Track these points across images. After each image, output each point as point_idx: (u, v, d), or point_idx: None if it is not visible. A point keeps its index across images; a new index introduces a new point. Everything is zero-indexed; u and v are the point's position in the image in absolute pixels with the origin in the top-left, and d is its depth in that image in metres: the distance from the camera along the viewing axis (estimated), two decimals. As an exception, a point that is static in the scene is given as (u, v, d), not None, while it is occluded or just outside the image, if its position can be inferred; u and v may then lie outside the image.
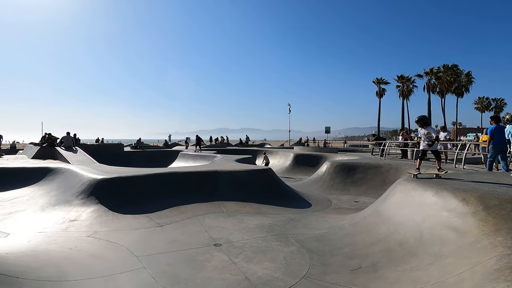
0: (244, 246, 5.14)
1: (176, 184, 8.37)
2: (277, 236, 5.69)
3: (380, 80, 47.39)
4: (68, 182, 8.39)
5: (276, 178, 10.37)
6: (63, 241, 5.24)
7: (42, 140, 16.52)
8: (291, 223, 6.70)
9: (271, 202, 8.62)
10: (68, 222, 6.23)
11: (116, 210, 6.85)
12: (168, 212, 7.11)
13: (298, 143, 36.89)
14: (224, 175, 9.36)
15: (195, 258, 4.63)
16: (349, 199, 10.28)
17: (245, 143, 32.74)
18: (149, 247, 5.08)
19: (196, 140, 23.29)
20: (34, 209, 7.09)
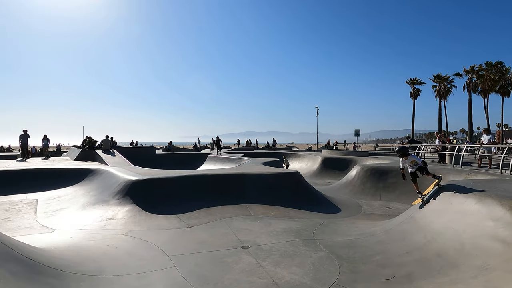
0: (272, 249, 5.12)
1: (205, 186, 8.57)
2: (305, 241, 5.60)
3: (414, 81, 45.03)
4: (106, 183, 8.93)
5: (304, 181, 10.23)
6: (101, 238, 5.58)
7: (83, 143, 17.77)
8: (320, 228, 6.56)
9: (298, 206, 8.51)
10: (105, 220, 6.62)
11: (148, 210, 7.16)
12: (197, 213, 7.29)
13: (327, 146, 36.13)
14: (251, 178, 9.42)
15: (223, 260, 4.69)
16: (381, 205, 9.86)
17: (272, 146, 32.69)
18: (179, 247, 5.24)
19: (216, 143, 23.45)
20: (76, 207, 7.62)
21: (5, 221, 6.51)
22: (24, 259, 3.39)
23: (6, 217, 6.83)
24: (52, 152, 21.51)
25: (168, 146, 26.85)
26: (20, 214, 7.03)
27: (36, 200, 8.31)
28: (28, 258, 3.47)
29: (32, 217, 6.86)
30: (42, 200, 8.30)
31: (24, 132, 16.79)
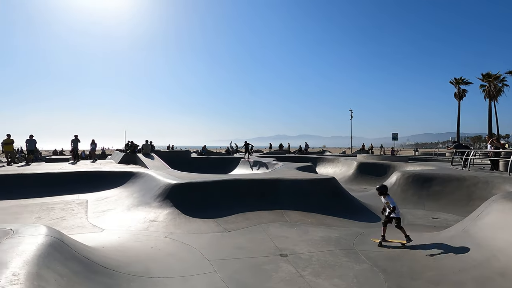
0: (311, 259, 5.01)
1: (241, 191, 8.65)
2: (345, 251, 5.40)
3: (459, 80, 41.78)
4: (147, 186, 9.39)
5: (341, 188, 9.92)
6: (145, 240, 5.86)
7: (126, 147, 18.92)
8: (360, 238, 6.30)
9: (335, 213, 8.26)
10: (148, 222, 6.95)
11: (187, 213, 7.39)
12: (234, 218, 7.38)
13: (361, 150, 34.76)
14: (286, 183, 9.34)
15: (262, 267, 4.68)
16: (426, 215, 9.23)
17: (305, 150, 32.20)
18: (219, 252, 5.32)
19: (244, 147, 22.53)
20: (122, 208, 8.10)
21: (61, 220, 7.11)
22: (82, 258, 3.66)
23: (62, 216, 7.45)
24: (98, 155, 23.20)
25: (203, 150, 27.66)
26: (73, 214, 7.64)
27: (86, 200, 8.98)
28: (85, 258, 3.74)
29: (84, 217, 7.42)
30: (91, 201, 8.95)
31: (75, 137, 18.33)
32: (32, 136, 16.99)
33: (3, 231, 3.61)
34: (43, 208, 8.07)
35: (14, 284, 2.34)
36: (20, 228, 3.76)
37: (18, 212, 7.68)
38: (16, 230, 3.67)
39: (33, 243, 3.22)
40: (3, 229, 3.68)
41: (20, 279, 2.42)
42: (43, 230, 3.71)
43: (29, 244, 3.20)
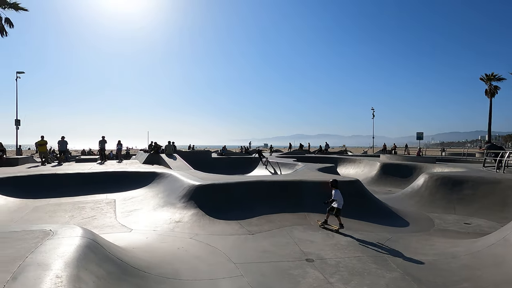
0: (339, 265, 4.90)
1: (263, 192, 8.64)
2: (374, 258, 5.25)
3: (491, 76, 39.45)
4: (171, 186, 9.60)
5: (366, 190, 9.66)
6: (172, 241, 5.98)
7: (149, 147, 19.47)
8: (388, 244, 6.09)
9: (360, 217, 8.05)
10: (174, 223, 7.10)
11: (211, 214, 7.47)
12: (257, 220, 7.38)
13: (383, 151, 33.69)
14: (308, 185, 9.21)
15: (288, 272, 4.64)
16: (457, 220, 8.78)
17: (325, 150, 31.66)
18: (244, 255, 5.33)
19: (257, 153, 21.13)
20: (148, 208, 8.33)
21: (92, 219, 7.41)
22: (115, 259, 3.78)
23: (93, 215, 7.77)
24: (124, 155, 24.04)
25: (223, 150, 27.96)
26: (103, 213, 7.94)
27: (114, 200, 9.32)
28: (118, 259, 3.87)
29: (113, 216, 7.70)
30: (119, 200, 9.27)
31: (102, 138, 19.10)
32: (63, 138, 17.88)
33: (43, 232, 3.80)
34: (75, 207, 8.45)
35: (58, 286, 2.45)
36: (58, 229, 3.94)
37: (53, 210, 8.09)
38: (55, 231, 3.85)
39: (71, 245, 3.36)
40: (43, 230, 3.88)
41: (63, 282, 2.53)
42: (79, 231, 3.88)
43: (68, 245, 3.34)
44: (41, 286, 2.41)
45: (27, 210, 8.09)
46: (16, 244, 3.39)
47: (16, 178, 10.45)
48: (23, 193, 9.47)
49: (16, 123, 25.97)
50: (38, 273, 2.62)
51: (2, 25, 20.46)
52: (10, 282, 2.46)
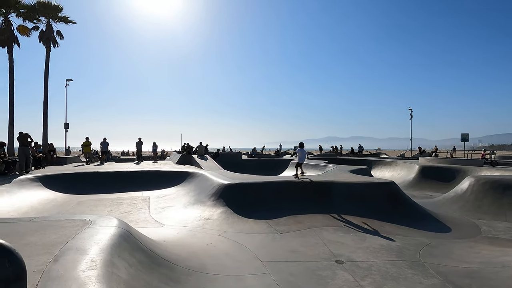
0: (371, 268, 4.65)
1: (291, 193, 8.52)
2: (410, 263, 4.91)
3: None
4: (202, 185, 9.84)
5: (402, 193, 9.11)
6: (201, 236, 6.11)
7: (182, 149, 20.20)
8: (426, 249, 5.67)
9: (396, 220, 7.60)
10: (203, 220, 7.25)
11: (239, 213, 7.52)
12: (285, 220, 7.28)
13: (422, 153, 31.57)
14: (339, 186, 8.91)
15: (317, 273, 4.50)
16: (509, 228, 7.92)
17: (359, 152, 30.42)
18: (271, 253, 5.28)
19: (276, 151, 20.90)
20: (179, 206, 8.61)
21: (128, 214, 7.83)
22: (147, 250, 3.94)
23: (129, 210, 8.21)
24: (158, 156, 25.20)
25: (252, 152, 28.14)
26: (138, 209, 8.36)
27: (149, 197, 9.77)
28: (149, 250, 4.02)
29: (147, 212, 8.06)
30: (153, 198, 9.70)
31: (139, 140, 20.20)
32: (105, 139, 19.21)
33: (83, 221, 4.08)
34: (114, 202, 9.00)
35: (93, 269, 2.60)
36: (96, 219, 4.22)
37: (94, 205, 8.69)
38: (93, 221, 4.12)
39: (107, 233, 3.57)
40: (83, 220, 4.17)
41: (98, 265, 2.68)
42: (115, 222, 4.11)
43: (104, 234, 3.55)
44: (78, 268, 2.57)
45: (72, 204, 8.78)
46: (59, 231, 3.67)
47: (64, 176, 11.40)
48: (69, 189, 10.30)
49: (65, 126, 28.44)
50: (76, 257, 2.81)
51: (54, 37, 22.58)
52: (52, 263, 2.66)
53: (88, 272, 2.53)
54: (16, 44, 20.06)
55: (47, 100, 22.31)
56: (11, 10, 19.95)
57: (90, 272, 2.53)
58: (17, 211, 7.63)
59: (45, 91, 22.27)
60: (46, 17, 22.02)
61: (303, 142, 10.74)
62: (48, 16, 22.01)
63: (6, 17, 19.68)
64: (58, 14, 22.29)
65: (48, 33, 22.13)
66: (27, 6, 20.71)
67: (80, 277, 2.41)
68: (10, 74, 19.44)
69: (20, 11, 20.52)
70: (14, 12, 20.19)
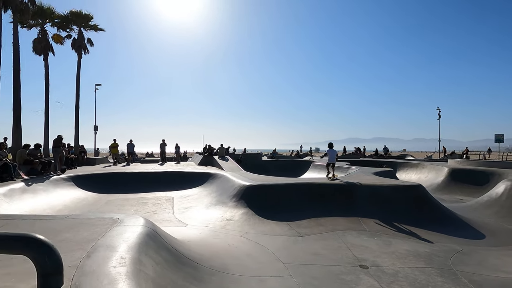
0: (397, 274, 4.49)
1: (313, 195, 8.41)
2: (439, 270, 4.68)
3: None
4: (223, 186, 9.97)
5: (430, 197, 8.71)
6: (224, 237, 6.19)
7: (204, 150, 20.57)
8: (458, 257, 5.38)
9: (424, 225, 7.28)
10: (225, 221, 7.33)
11: (260, 214, 7.53)
12: (307, 222, 7.21)
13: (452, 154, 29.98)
14: (363, 189, 8.68)
15: (340, 277, 4.41)
16: (551, 236, 7.34)
17: (384, 154, 29.37)
18: (293, 256, 5.24)
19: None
20: (202, 206, 8.78)
21: (153, 213, 8.08)
22: (172, 249, 4.06)
23: (154, 210, 8.48)
24: (181, 157, 25.83)
25: (273, 153, 28.11)
26: (162, 209, 8.61)
27: (172, 197, 10.04)
28: (174, 249, 4.14)
29: (171, 212, 8.29)
30: (176, 198, 9.95)
31: (162, 141, 20.83)
32: (131, 141, 19.99)
33: (112, 220, 4.28)
34: (140, 202, 9.33)
35: (122, 266, 2.72)
36: (124, 218, 4.40)
37: (121, 204, 9.06)
38: (121, 219, 4.30)
39: (134, 232, 3.71)
40: (112, 218, 4.37)
41: (127, 262, 2.80)
42: (141, 221, 4.26)
43: (132, 232, 3.70)
44: (109, 264, 2.70)
45: (101, 203, 9.20)
46: (91, 228, 3.87)
47: (94, 176, 11.99)
48: (99, 188, 10.81)
49: (94, 129, 29.91)
50: (107, 253, 2.95)
51: (85, 45, 23.87)
52: (85, 259, 2.81)
53: (118, 268, 2.64)
54: (51, 52, 21.40)
55: (79, 104, 23.60)
56: (47, 20, 21.33)
57: (120, 268, 2.65)
58: (52, 208, 8.12)
59: (76, 96, 23.56)
60: (78, 26, 23.33)
61: (332, 142, 10.99)
62: (80, 24, 23.31)
63: (42, 27, 21.07)
64: (89, 22, 23.54)
65: (79, 41, 23.42)
66: (61, 16, 22.05)
67: (111, 273, 2.53)
68: (46, 80, 20.75)
69: (55, 21, 21.90)
70: (49, 22, 21.57)
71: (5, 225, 4.30)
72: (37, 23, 20.86)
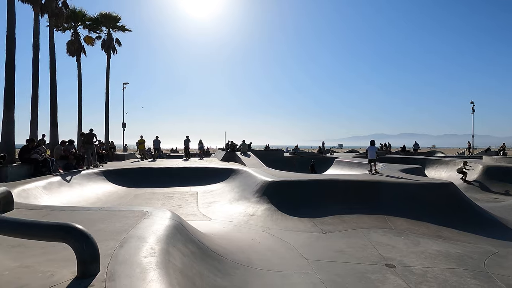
0: (426, 274, 4.34)
1: (337, 192, 8.28)
2: (473, 272, 4.46)
3: None
4: (246, 182, 10.07)
5: (462, 195, 8.28)
6: (246, 232, 6.28)
7: (226, 146, 20.85)
8: (493, 259, 5.10)
9: (455, 225, 6.95)
10: (248, 216, 7.42)
11: (283, 210, 7.54)
12: (330, 219, 7.12)
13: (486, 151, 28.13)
14: (389, 186, 8.42)
15: (365, 275, 4.33)
16: None
17: (414, 151, 28.00)
18: (317, 253, 5.22)
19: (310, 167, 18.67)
20: (225, 201, 8.94)
21: (179, 207, 8.35)
22: (198, 242, 4.18)
23: (179, 204, 8.76)
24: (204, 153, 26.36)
25: (295, 149, 27.90)
26: (187, 203, 8.87)
27: (196, 192, 10.30)
28: (200, 242, 4.26)
29: (195, 206, 8.52)
30: (201, 193, 10.20)
31: (187, 138, 21.35)
32: (157, 137, 20.69)
33: (142, 213, 4.48)
34: (166, 196, 9.67)
35: (152, 256, 2.86)
36: (152, 211, 4.59)
37: (149, 198, 9.44)
38: (150, 212, 4.50)
39: (162, 224, 3.87)
40: (141, 211, 4.58)
41: (156, 253, 2.93)
42: (168, 214, 4.43)
43: (160, 224, 3.85)
44: (140, 254, 2.84)
45: (130, 196, 9.65)
46: (122, 220, 4.08)
47: (123, 171, 12.57)
48: (127, 182, 11.33)
49: (123, 126, 31.25)
50: (138, 244, 3.11)
51: (114, 45, 24.90)
52: (118, 248, 2.98)
53: (149, 258, 2.78)
54: (83, 53, 22.57)
55: (108, 102, 24.72)
56: (79, 23, 22.48)
57: (150, 258, 2.78)
58: (86, 201, 8.64)
59: (106, 94, 24.70)
60: (107, 27, 24.36)
61: (373, 140, 12.00)
62: (109, 26, 24.32)
63: (75, 29, 22.24)
64: (117, 23, 24.50)
65: (108, 42, 24.46)
66: (92, 19, 23.13)
67: (142, 263, 2.67)
68: (79, 80, 21.94)
69: (86, 23, 23.02)
70: (81, 24, 22.72)
71: (47, 215, 4.64)
72: (70, 26, 22.03)
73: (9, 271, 2.55)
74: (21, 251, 3.08)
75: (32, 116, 14.15)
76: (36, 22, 14.48)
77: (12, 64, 11.63)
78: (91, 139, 13.14)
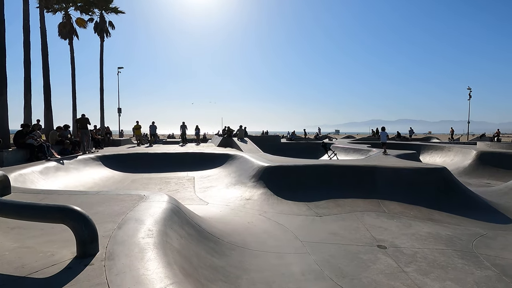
0: (416, 255, 4.50)
1: (332, 176, 8.40)
2: (461, 253, 4.63)
3: None
4: (242, 167, 10.15)
5: (454, 180, 8.45)
6: (243, 215, 6.39)
7: (223, 132, 20.82)
8: (481, 240, 5.28)
9: (447, 209, 7.14)
10: (245, 200, 7.54)
11: (279, 194, 7.67)
12: (325, 203, 7.27)
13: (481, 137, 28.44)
14: (384, 171, 8.55)
15: (357, 256, 4.48)
16: None
17: (409, 137, 28.32)
18: (311, 235, 5.36)
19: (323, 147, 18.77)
20: (222, 186, 9.04)
21: (176, 192, 8.44)
22: (194, 224, 4.27)
23: (176, 189, 8.84)
24: (201, 139, 26.37)
25: (292, 135, 27.95)
26: (184, 188, 8.96)
27: (193, 177, 10.38)
28: (197, 224, 4.35)
29: (192, 191, 8.61)
30: (197, 178, 10.28)
31: (183, 123, 21.25)
32: (153, 123, 20.56)
33: (139, 196, 4.54)
34: (163, 181, 9.74)
35: (150, 237, 2.93)
36: (150, 195, 4.65)
37: (146, 183, 9.51)
38: (147, 196, 4.56)
39: (160, 207, 3.93)
40: (139, 195, 4.64)
41: (154, 234, 3.01)
42: (166, 197, 4.50)
43: (157, 208, 3.92)
44: (138, 235, 2.91)
45: (127, 181, 9.71)
46: (120, 203, 4.14)
47: (119, 156, 12.56)
48: (124, 167, 11.36)
49: (118, 111, 30.94)
50: (136, 226, 3.18)
51: (107, 28, 24.26)
52: (116, 230, 3.05)
53: (147, 239, 2.85)
54: (75, 35, 21.98)
55: (103, 87, 24.34)
56: (70, 4, 21.75)
57: (148, 239, 2.85)
58: (83, 185, 8.68)
59: (101, 79, 24.28)
60: (99, 9, 23.64)
61: (384, 126, 15.67)
62: (101, 7, 23.59)
63: (66, 11, 21.55)
64: (109, 5, 23.76)
65: (101, 24, 23.81)
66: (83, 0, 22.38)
67: (140, 243, 2.74)
68: (72, 64, 21.48)
69: (78, 4, 22.28)
70: (72, 6, 21.99)
71: (44, 199, 4.69)
72: (61, 7, 21.33)
73: (10, 252, 2.60)
74: (20, 233, 3.13)
75: (25, 99, 13.93)
76: (25, 3, 14.00)
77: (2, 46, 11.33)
78: (85, 123, 13.04)
